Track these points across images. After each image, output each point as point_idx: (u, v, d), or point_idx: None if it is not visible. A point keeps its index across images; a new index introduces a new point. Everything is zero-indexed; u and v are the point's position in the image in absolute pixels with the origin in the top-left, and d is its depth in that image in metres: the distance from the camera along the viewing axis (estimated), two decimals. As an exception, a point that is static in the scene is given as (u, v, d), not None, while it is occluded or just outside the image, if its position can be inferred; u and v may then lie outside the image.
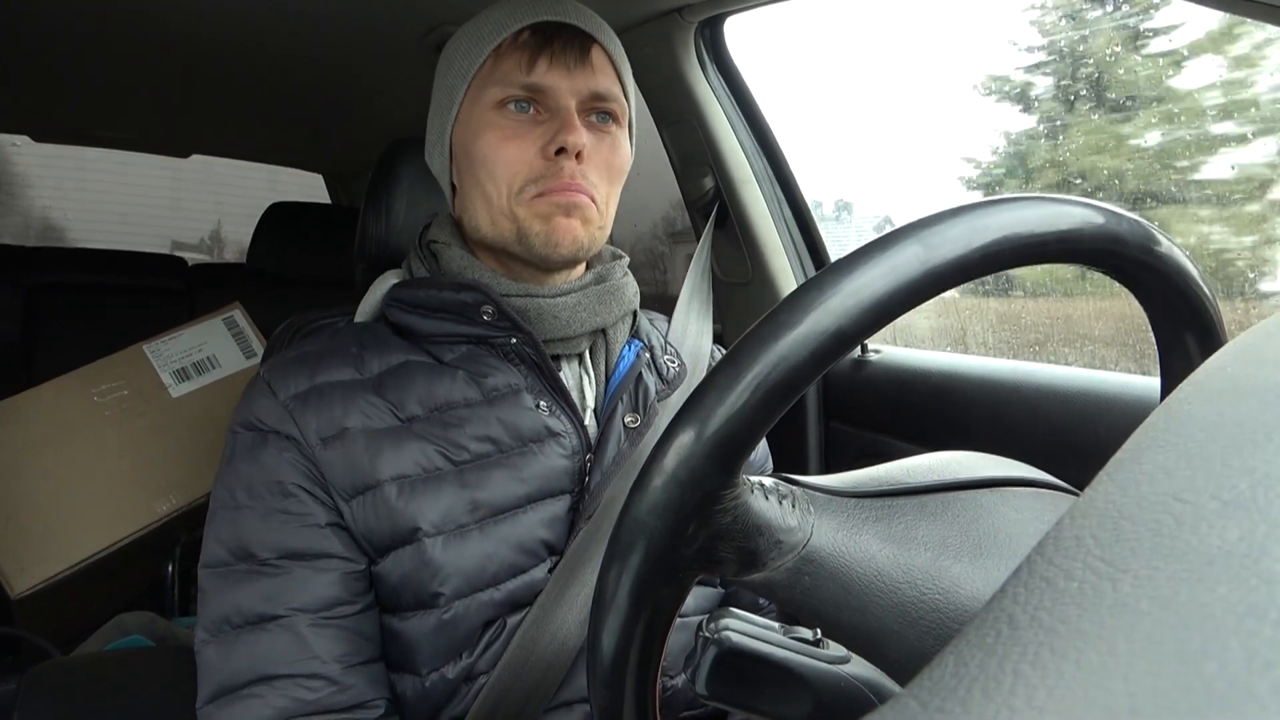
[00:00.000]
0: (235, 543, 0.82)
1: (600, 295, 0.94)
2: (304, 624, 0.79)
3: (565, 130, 0.86)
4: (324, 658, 0.78)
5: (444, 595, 0.82)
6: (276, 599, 0.79)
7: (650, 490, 0.41)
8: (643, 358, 0.99)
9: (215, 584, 0.82)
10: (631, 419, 0.93)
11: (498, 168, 0.88)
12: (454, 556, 0.82)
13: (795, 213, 1.60)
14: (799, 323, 0.39)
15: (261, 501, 0.82)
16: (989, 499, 0.50)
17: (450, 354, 0.90)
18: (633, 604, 0.43)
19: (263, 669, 0.78)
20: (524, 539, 0.85)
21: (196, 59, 1.85)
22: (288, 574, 0.80)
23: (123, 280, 2.45)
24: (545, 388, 0.90)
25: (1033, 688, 0.17)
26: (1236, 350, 0.29)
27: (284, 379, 0.87)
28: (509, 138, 0.88)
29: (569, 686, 0.85)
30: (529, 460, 0.87)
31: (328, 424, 0.84)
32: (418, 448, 0.84)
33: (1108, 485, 0.23)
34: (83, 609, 1.78)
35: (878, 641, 0.47)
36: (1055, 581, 0.20)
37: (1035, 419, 1.13)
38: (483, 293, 0.88)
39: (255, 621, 0.79)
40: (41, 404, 1.78)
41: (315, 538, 0.81)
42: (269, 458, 0.83)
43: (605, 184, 0.91)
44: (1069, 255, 0.43)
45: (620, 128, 0.94)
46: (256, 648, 0.78)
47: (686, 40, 1.49)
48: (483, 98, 0.89)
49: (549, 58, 0.88)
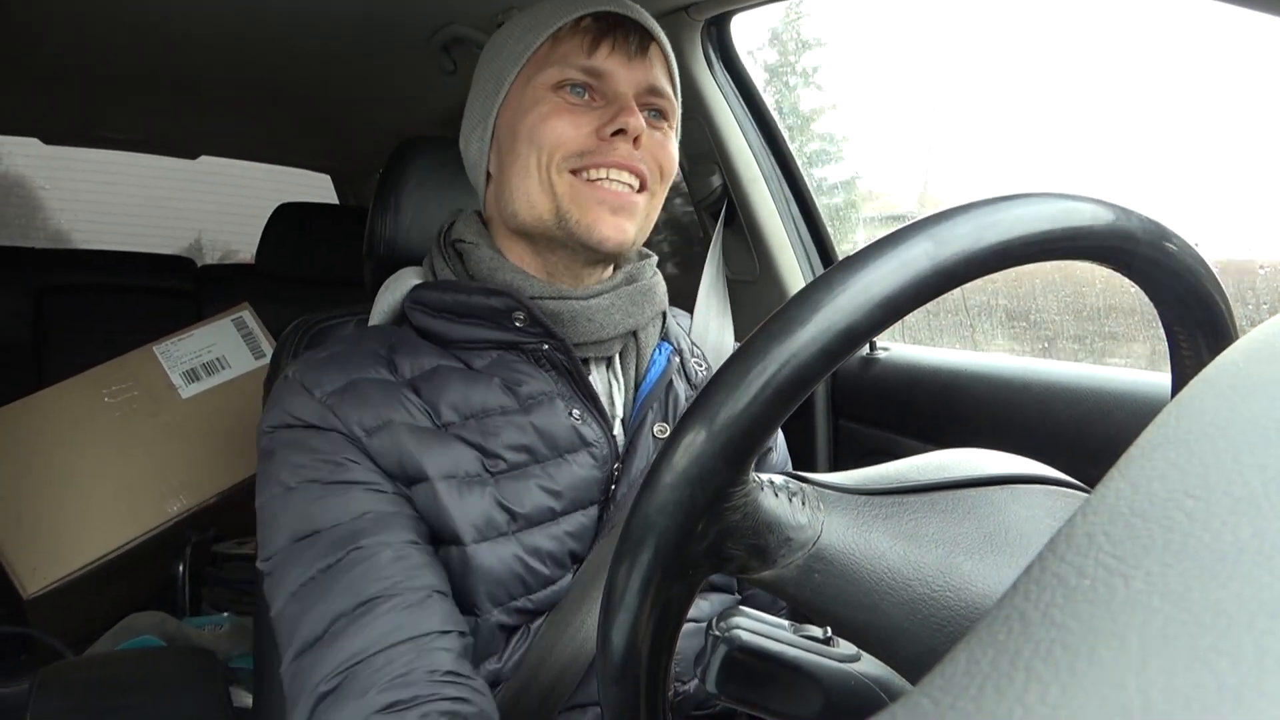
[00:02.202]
0: (299, 523, 0.77)
1: (633, 296, 0.92)
2: (386, 553, 0.75)
3: (625, 113, 0.84)
4: (417, 582, 0.75)
5: (482, 603, 0.81)
6: (351, 544, 0.75)
7: (660, 488, 0.41)
8: (673, 363, 0.97)
9: (284, 564, 0.77)
10: (661, 429, 0.91)
11: (547, 137, 0.85)
12: (491, 563, 0.80)
13: (803, 210, 1.60)
14: (808, 320, 0.39)
15: (317, 482, 0.78)
16: (999, 496, 0.50)
17: (480, 360, 0.88)
18: (643, 601, 0.43)
19: (359, 591, 0.73)
20: (555, 550, 0.84)
21: (205, 60, 1.86)
22: (362, 535, 0.76)
23: (131, 281, 2.46)
24: (576, 394, 0.88)
25: (1045, 685, 0.17)
26: (1248, 347, 0.29)
27: (318, 377, 0.84)
28: (563, 111, 0.86)
29: (585, 689, 0.85)
30: (562, 470, 0.85)
31: (371, 417, 0.81)
32: (459, 451, 0.82)
33: (1119, 482, 0.23)
34: (94, 609, 1.79)
35: (888, 639, 0.47)
36: (1067, 579, 0.20)
37: (1045, 416, 1.13)
38: (514, 298, 0.86)
39: (333, 564, 0.75)
40: (52, 405, 1.79)
41: (384, 502, 0.78)
42: (316, 443, 0.80)
43: (658, 174, 0.90)
44: (1080, 252, 0.43)
45: (670, 127, 0.93)
46: (346, 578, 0.74)
47: (693, 38, 1.49)
48: (537, 79, 0.88)
49: (610, 44, 0.87)
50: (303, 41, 1.71)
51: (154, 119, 2.44)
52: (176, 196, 5.01)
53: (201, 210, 5.20)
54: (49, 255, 2.53)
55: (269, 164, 3.14)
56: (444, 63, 1.68)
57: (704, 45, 1.51)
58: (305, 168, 3.24)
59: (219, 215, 5.11)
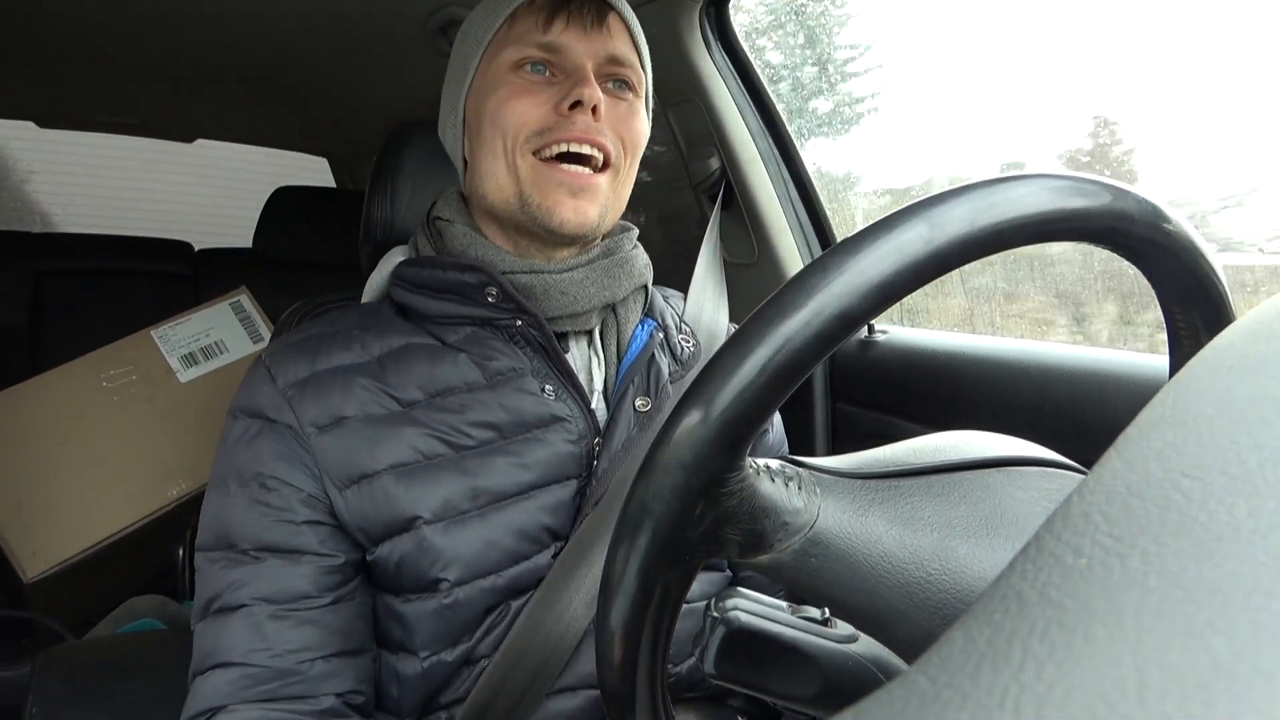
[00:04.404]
0: (221, 530, 0.83)
1: (608, 269, 0.92)
2: (264, 614, 0.80)
3: (580, 85, 0.84)
4: (276, 648, 0.79)
5: (446, 581, 0.81)
6: (245, 587, 0.80)
7: (656, 473, 0.41)
8: (656, 337, 0.97)
9: (203, 568, 0.83)
10: (642, 402, 0.91)
11: (508, 118, 0.86)
12: (454, 543, 0.81)
13: (801, 193, 1.59)
14: (804, 304, 0.39)
15: (247, 491, 0.83)
16: (996, 479, 0.50)
17: (454, 335, 0.89)
18: (640, 586, 0.43)
19: (221, 655, 0.79)
20: (526, 525, 0.84)
21: (201, 43, 1.85)
22: (260, 564, 0.81)
23: (129, 265, 2.46)
24: (551, 370, 0.89)
25: (1041, 663, 0.17)
26: (1245, 327, 0.29)
27: (284, 365, 0.86)
28: (522, 92, 0.86)
29: (572, 671, 0.85)
30: (533, 446, 0.86)
31: (325, 412, 0.83)
32: (417, 434, 0.83)
33: (1116, 462, 0.23)
34: (94, 593, 1.79)
35: (885, 622, 0.47)
36: (1064, 558, 0.20)
37: (1043, 398, 1.13)
38: (486, 273, 0.87)
39: (225, 608, 0.80)
40: (50, 390, 1.79)
41: (291, 533, 0.82)
42: (262, 447, 0.83)
43: (622, 148, 0.89)
44: (1076, 233, 0.42)
45: (637, 98, 0.92)
46: (220, 633, 0.80)
47: (692, 20, 1.48)
48: (498, 60, 0.88)
49: (565, 18, 0.87)
50: (300, 24, 1.70)
51: (150, 103, 2.42)
52: (172, 181, 4.99)
53: (198, 194, 5.19)
54: (46, 240, 2.52)
55: (266, 148, 3.12)
56: (441, 45, 1.67)
57: (702, 27, 1.50)
58: (302, 151, 3.23)
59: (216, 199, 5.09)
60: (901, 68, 2.01)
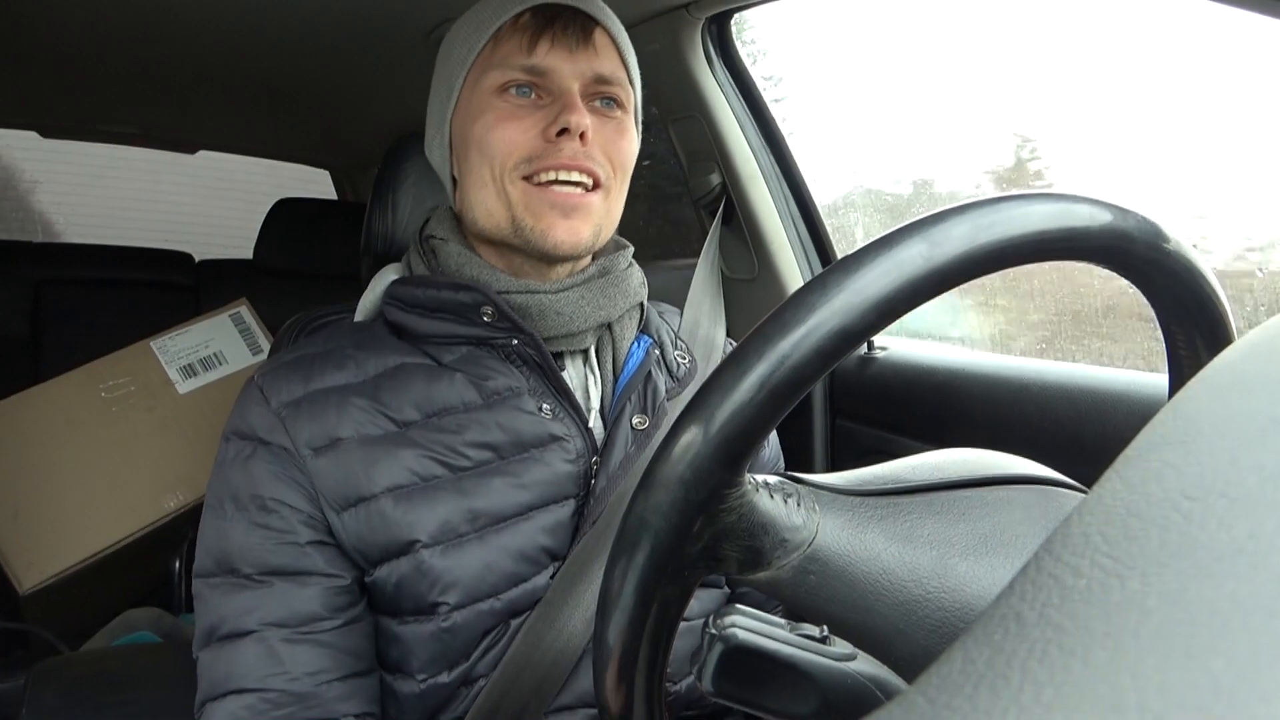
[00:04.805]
0: (221, 554, 0.82)
1: (604, 288, 0.91)
2: (277, 638, 0.79)
3: (567, 110, 0.83)
4: (293, 672, 0.78)
5: (445, 605, 0.81)
6: (254, 613, 0.79)
7: (655, 488, 0.41)
8: (652, 355, 0.96)
9: (204, 593, 0.82)
10: (639, 420, 0.90)
11: (496, 146, 0.85)
12: (453, 566, 0.81)
13: (802, 209, 1.59)
14: (804, 321, 0.39)
15: (246, 514, 0.81)
16: (995, 497, 0.50)
17: (449, 355, 0.88)
18: (638, 602, 0.43)
19: (235, 682, 0.78)
20: (525, 547, 0.83)
21: (204, 55, 1.85)
22: (268, 588, 0.80)
23: (130, 275, 2.46)
24: (548, 390, 0.88)
25: (1040, 685, 0.17)
26: (1245, 346, 0.29)
27: (277, 385, 0.85)
28: (508, 118, 0.85)
29: (570, 690, 0.84)
30: (530, 467, 0.85)
31: (320, 433, 0.82)
32: (414, 455, 0.82)
33: (1116, 483, 0.23)
34: (90, 605, 1.78)
35: (884, 640, 0.47)
36: (1063, 579, 0.20)
37: (1042, 416, 1.13)
38: (481, 293, 0.85)
39: (233, 635, 0.79)
40: (49, 400, 1.79)
41: (296, 555, 0.81)
42: (257, 469, 0.82)
43: (611, 169, 0.88)
44: (1076, 253, 0.43)
45: (626, 114, 0.91)
46: (233, 660, 0.79)
47: (693, 36, 1.48)
48: (482, 83, 0.87)
49: (550, 39, 0.85)
50: (302, 37, 1.71)
51: (153, 114, 2.43)
52: (173, 191, 5.00)
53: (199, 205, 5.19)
54: (47, 249, 2.53)
55: (268, 159, 3.13)
56: (442, 59, 1.68)
57: (704, 43, 1.51)
58: (304, 163, 3.23)
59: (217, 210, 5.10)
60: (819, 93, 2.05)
